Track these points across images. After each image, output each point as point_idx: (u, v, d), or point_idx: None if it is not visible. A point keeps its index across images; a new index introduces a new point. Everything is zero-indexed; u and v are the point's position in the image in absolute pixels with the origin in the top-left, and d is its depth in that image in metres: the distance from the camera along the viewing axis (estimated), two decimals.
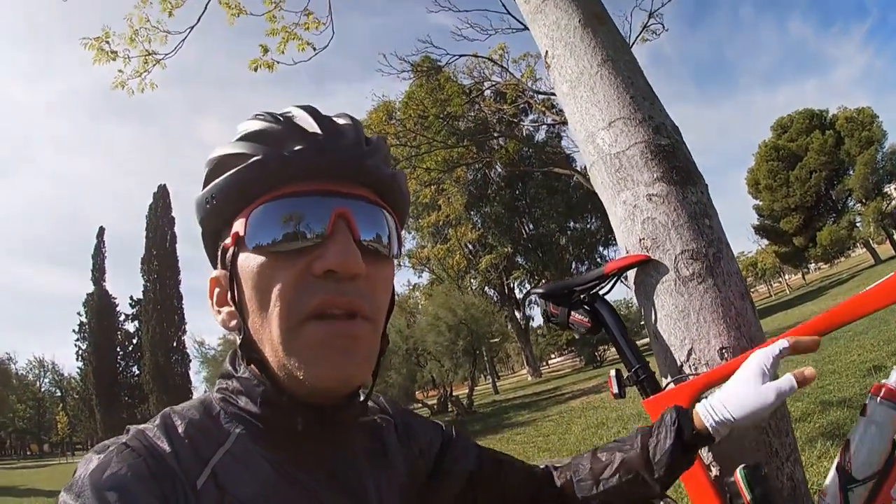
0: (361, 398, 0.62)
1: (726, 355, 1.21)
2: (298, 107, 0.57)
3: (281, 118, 0.56)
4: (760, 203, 36.08)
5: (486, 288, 30.30)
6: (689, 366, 1.25)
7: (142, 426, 0.52)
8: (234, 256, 0.53)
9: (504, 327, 22.87)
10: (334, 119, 0.57)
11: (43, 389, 55.60)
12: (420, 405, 22.22)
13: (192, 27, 4.62)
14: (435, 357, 18.68)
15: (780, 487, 1.19)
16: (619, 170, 1.39)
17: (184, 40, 4.59)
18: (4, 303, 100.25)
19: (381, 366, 0.60)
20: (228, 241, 0.54)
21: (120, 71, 4.51)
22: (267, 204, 0.52)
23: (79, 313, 38.79)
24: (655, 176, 1.34)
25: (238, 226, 0.53)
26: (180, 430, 0.51)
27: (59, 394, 55.14)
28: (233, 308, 0.55)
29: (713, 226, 1.33)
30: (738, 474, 1.15)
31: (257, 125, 0.55)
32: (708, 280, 1.26)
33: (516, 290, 33.27)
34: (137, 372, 38.46)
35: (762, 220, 36.87)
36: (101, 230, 36.58)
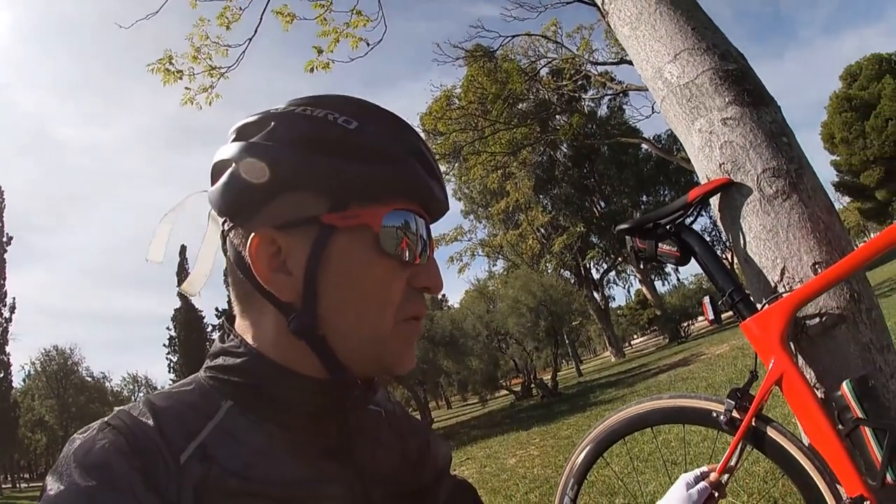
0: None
1: (819, 270, 1.19)
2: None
3: (413, 129, 0.60)
4: (838, 158, 33.28)
5: (562, 271, 29.77)
6: (783, 285, 1.23)
7: (126, 406, 0.52)
8: (329, 236, 0.53)
9: (584, 308, 22.45)
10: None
11: None
12: (505, 392, 22.22)
13: (250, 39, 4.86)
14: (517, 340, 18.63)
15: (886, 406, 1.15)
16: (691, 99, 1.39)
17: (244, 52, 4.83)
18: (99, 328, 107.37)
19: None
20: (334, 218, 0.53)
21: (187, 88, 4.77)
22: (402, 212, 0.55)
23: (168, 328, 40.32)
24: (727, 100, 1.33)
25: (370, 217, 0.53)
26: (166, 406, 0.51)
27: None
28: (295, 278, 0.53)
29: (792, 144, 1.31)
30: (845, 387, 1.11)
31: (409, 131, 0.58)
32: (793, 196, 1.24)
33: (593, 271, 32.59)
34: None
35: (841, 176, 34.06)
36: (183, 248, 36.85)
